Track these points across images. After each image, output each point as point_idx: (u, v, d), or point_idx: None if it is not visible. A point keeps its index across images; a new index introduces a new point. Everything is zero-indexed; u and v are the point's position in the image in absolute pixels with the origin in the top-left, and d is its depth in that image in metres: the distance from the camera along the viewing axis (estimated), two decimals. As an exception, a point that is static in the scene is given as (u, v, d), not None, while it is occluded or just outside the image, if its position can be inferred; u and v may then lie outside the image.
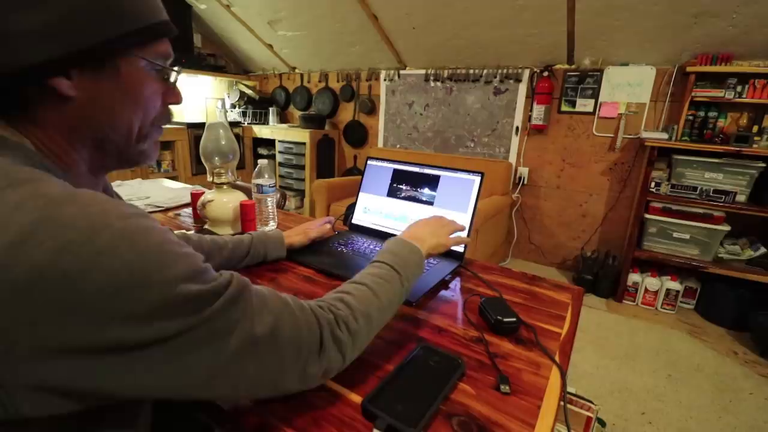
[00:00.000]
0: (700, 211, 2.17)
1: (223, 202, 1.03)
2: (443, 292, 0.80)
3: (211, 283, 0.37)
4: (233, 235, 0.86)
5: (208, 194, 1.04)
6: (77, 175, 0.42)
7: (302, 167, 3.56)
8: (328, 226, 0.97)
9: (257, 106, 3.89)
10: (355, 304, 0.50)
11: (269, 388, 0.42)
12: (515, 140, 2.92)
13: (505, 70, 2.83)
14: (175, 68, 0.45)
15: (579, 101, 2.64)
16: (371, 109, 3.49)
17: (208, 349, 0.35)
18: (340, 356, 0.46)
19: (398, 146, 3.46)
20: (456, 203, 0.94)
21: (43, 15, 0.33)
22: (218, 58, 3.84)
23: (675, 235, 2.28)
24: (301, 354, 0.42)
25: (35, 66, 0.34)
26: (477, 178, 0.93)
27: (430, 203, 0.98)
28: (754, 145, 2.08)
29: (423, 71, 3.15)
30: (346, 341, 0.46)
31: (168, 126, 3.16)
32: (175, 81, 0.46)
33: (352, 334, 0.47)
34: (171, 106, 0.48)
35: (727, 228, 2.13)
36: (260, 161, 1.05)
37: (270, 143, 3.77)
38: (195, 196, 1.13)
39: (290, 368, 0.41)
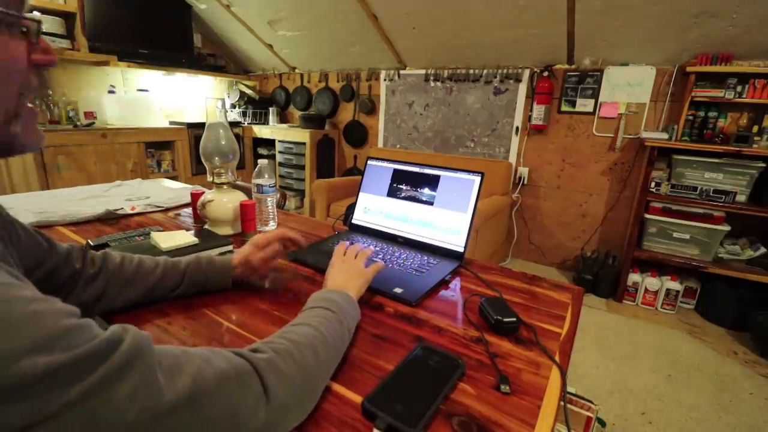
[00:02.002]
0: (700, 211, 2.17)
1: (223, 202, 1.03)
2: (443, 292, 0.80)
3: (79, 349, 0.27)
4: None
5: (208, 194, 1.04)
6: None
7: (302, 167, 3.56)
8: (276, 246, 0.75)
9: (257, 106, 3.89)
10: (297, 338, 0.46)
11: None
12: (515, 140, 2.92)
13: (505, 70, 2.83)
14: (34, 16, 0.35)
15: (579, 101, 2.64)
16: (371, 109, 3.49)
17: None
18: (294, 396, 0.41)
19: (398, 146, 3.46)
20: (456, 203, 0.94)
21: None
22: (218, 58, 3.84)
23: (675, 235, 2.28)
24: (239, 411, 0.35)
25: None
26: (477, 178, 0.93)
27: (430, 203, 0.98)
28: (754, 145, 2.08)
29: (423, 71, 3.15)
30: (293, 374, 0.41)
31: (168, 126, 3.17)
32: (38, 34, 0.35)
33: (302, 368, 0.43)
34: (43, 70, 0.37)
35: (727, 228, 2.13)
36: (260, 161, 1.05)
37: (270, 143, 3.78)
38: (195, 196, 1.13)
39: (226, 427, 0.34)
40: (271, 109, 3.91)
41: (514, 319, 0.65)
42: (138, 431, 0.29)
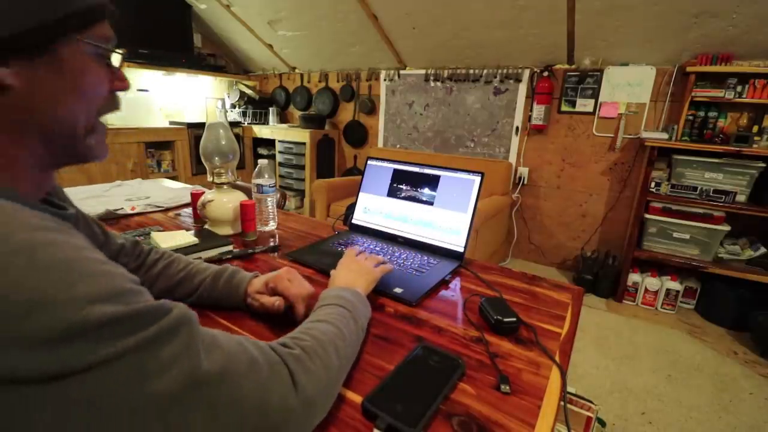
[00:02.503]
0: (700, 211, 2.17)
1: (223, 202, 1.03)
2: (443, 292, 0.80)
3: (139, 305, 0.31)
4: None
5: (208, 194, 1.04)
6: (19, 171, 0.38)
7: (302, 167, 3.56)
8: (276, 305, 0.64)
9: (257, 106, 3.89)
10: (321, 336, 0.47)
11: None
12: (515, 140, 2.92)
13: (505, 70, 2.83)
14: (119, 50, 0.42)
15: (579, 101, 2.64)
16: (371, 109, 3.49)
17: (132, 391, 0.29)
18: (320, 393, 0.42)
19: (398, 146, 3.46)
20: (456, 203, 0.94)
21: None
22: (218, 58, 3.84)
23: (675, 235, 2.28)
24: (269, 397, 0.36)
25: None
26: (477, 178, 0.93)
27: (430, 203, 0.98)
28: (754, 145, 2.08)
29: (423, 71, 3.15)
30: (320, 372, 0.42)
31: (168, 126, 3.17)
32: (120, 65, 0.43)
33: (326, 366, 0.44)
34: (118, 93, 0.44)
35: (727, 228, 2.13)
36: (260, 161, 1.05)
37: (270, 143, 3.78)
38: (195, 196, 1.13)
39: (254, 409, 0.35)
40: (271, 109, 3.91)
41: (514, 319, 0.65)
42: (175, 394, 0.31)
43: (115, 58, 0.42)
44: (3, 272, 0.26)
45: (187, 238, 0.90)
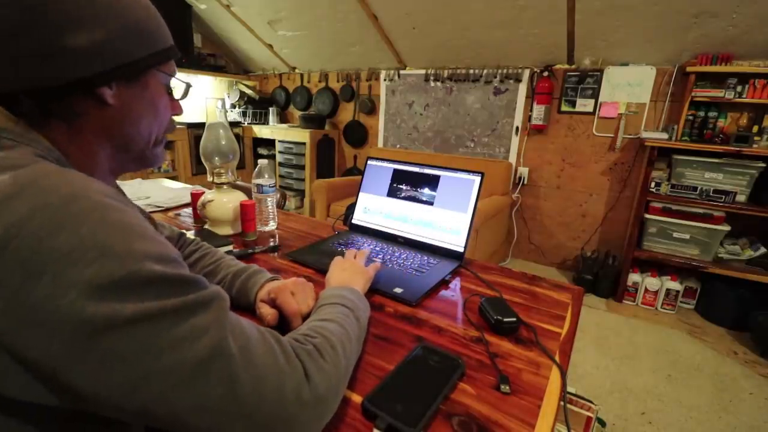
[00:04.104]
0: (700, 211, 2.17)
1: (223, 202, 1.03)
2: (443, 292, 0.80)
3: (182, 272, 0.35)
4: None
5: (208, 194, 1.04)
6: (96, 171, 0.46)
7: (302, 167, 3.56)
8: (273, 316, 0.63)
9: (257, 106, 3.89)
10: (329, 335, 0.47)
11: (247, 416, 0.34)
12: (515, 140, 2.92)
13: (505, 70, 2.83)
14: (184, 82, 0.54)
15: (579, 101, 2.64)
16: (371, 109, 3.49)
17: (165, 350, 0.31)
18: (331, 391, 0.42)
19: (398, 146, 3.46)
20: (456, 203, 0.94)
21: (93, 35, 0.40)
22: (218, 58, 3.84)
23: (675, 235, 2.28)
24: (285, 383, 0.37)
25: (87, 78, 0.40)
26: (477, 178, 0.93)
27: (430, 203, 0.98)
28: (754, 145, 2.08)
29: (423, 71, 3.15)
30: (331, 370, 0.43)
31: (168, 126, 3.18)
32: (182, 96, 0.55)
33: (335, 364, 0.44)
34: (174, 117, 0.55)
35: (727, 228, 2.13)
36: (260, 161, 1.05)
37: (270, 143, 3.78)
38: (195, 196, 1.13)
39: (270, 394, 0.36)
40: (271, 109, 3.90)
41: (514, 319, 0.65)
42: (203, 361, 0.33)
43: (177, 91, 0.54)
44: (81, 223, 0.31)
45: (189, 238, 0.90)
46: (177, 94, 0.54)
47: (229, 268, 0.70)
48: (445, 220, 0.95)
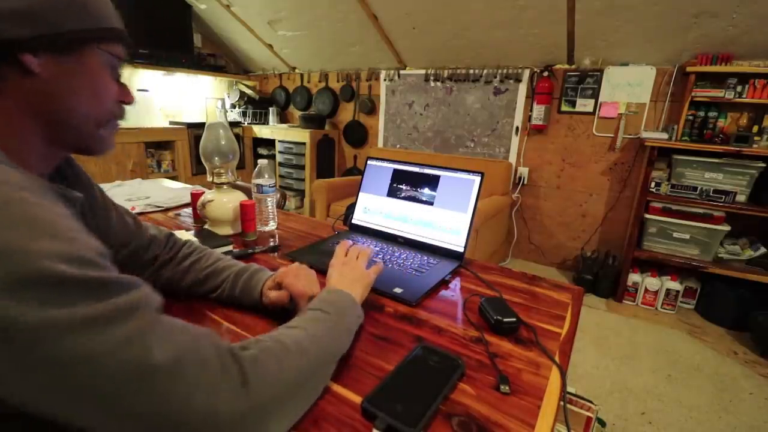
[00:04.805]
0: (700, 211, 2.17)
1: (223, 202, 1.03)
2: (443, 292, 0.80)
3: (99, 275, 0.31)
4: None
5: (208, 194, 1.04)
6: (23, 143, 0.43)
7: (302, 167, 3.56)
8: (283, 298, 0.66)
9: (257, 106, 3.89)
10: (287, 340, 0.45)
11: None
12: (515, 140, 2.92)
13: (505, 70, 2.83)
14: (129, 61, 0.50)
15: (579, 101, 2.64)
16: (371, 109, 3.49)
17: (79, 363, 0.29)
18: (276, 399, 0.40)
19: (398, 146, 3.46)
20: (456, 203, 0.94)
21: (20, 2, 0.38)
22: (218, 58, 3.84)
23: (675, 235, 2.28)
24: (216, 394, 0.35)
25: (9, 41, 0.38)
26: (477, 178, 0.93)
27: (430, 203, 0.98)
28: (754, 145, 2.08)
29: (423, 71, 3.15)
30: (277, 376, 0.41)
31: (168, 126, 3.17)
32: (126, 82, 0.52)
33: (287, 371, 0.42)
34: (124, 106, 0.53)
35: (727, 228, 2.13)
36: (260, 161, 1.05)
37: (270, 143, 3.78)
38: (195, 196, 1.13)
39: (201, 408, 0.33)
40: (271, 109, 3.90)
41: (514, 319, 0.65)
42: (118, 379, 0.30)
43: (125, 77, 0.52)
44: None
45: (187, 238, 0.90)
46: (125, 79, 0.52)
47: (231, 269, 0.70)
48: (445, 220, 0.95)
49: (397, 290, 0.76)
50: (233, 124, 3.67)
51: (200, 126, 3.26)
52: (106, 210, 0.61)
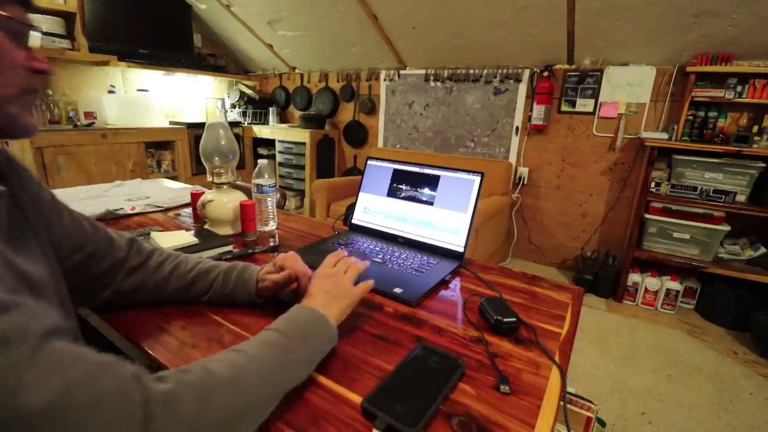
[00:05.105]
0: (700, 211, 2.17)
1: (223, 202, 1.03)
2: (443, 292, 0.80)
3: None
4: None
5: (208, 194, 1.04)
6: None
7: (302, 167, 3.56)
8: (286, 275, 0.67)
9: (257, 106, 3.89)
10: (220, 370, 0.40)
11: None
12: (515, 140, 2.92)
13: (505, 70, 2.83)
14: (34, 28, 0.43)
15: (579, 101, 2.64)
16: (371, 109, 3.49)
17: None
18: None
19: (398, 146, 3.46)
20: (456, 203, 0.94)
21: None
22: (218, 58, 3.84)
23: (675, 235, 2.28)
24: None
25: None
26: (477, 178, 0.93)
27: (430, 203, 0.98)
28: (754, 145, 2.08)
29: (423, 71, 3.15)
30: (193, 413, 0.35)
31: (168, 126, 3.17)
32: (34, 45, 0.44)
33: (211, 406, 0.37)
34: (38, 74, 0.45)
35: (727, 228, 2.13)
36: (260, 161, 1.05)
37: (270, 143, 3.78)
38: (195, 196, 1.13)
39: None
40: (271, 109, 3.90)
41: (514, 319, 0.65)
42: None
43: (33, 40, 0.44)
44: None
45: (187, 238, 0.90)
46: (33, 43, 0.44)
47: (218, 268, 0.69)
48: (445, 220, 0.95)
49: (397, 290, 0.76)
50: (233, 124, 3.67)
51: (200, 126, 3.26)
52: (58, 212, 0.56)
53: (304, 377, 0.49)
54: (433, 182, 0.99)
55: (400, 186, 1.03)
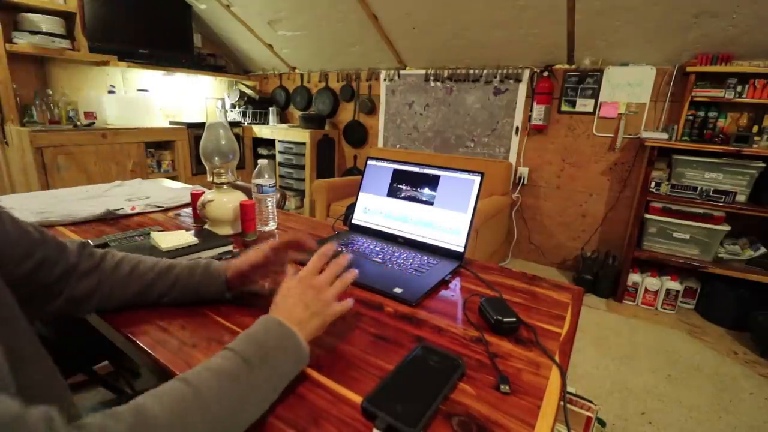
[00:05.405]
0: (700, 211, 2.17)
1: (223, 202, 1.03)
2: (443, 292, 0.80)
3: None
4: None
5: (208, 194, 1.04)
6: None
7: (302, 167, 3.56)
8: (265, 249, 0.67)
9: (257, 106, 3.89)
10: (160, 414, 0.35)
11: None
12: (515, 140, 2.92)
13: (505, 70, 2.83)
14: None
15: (579, 101, 2.64)
16: (371, 109, 3.49)
17: None
18: None
19: (398, 146, 3.46)
20: (456, 203, 0.94)
21: None
22: (218, 58, 3.84)
23: (675, 235, 2.28)
24: None
25: None
26: (477, 178, 0.93)
27: (430, 203, 0.98)
28: (754, 145, 2.08)
29: (423, 71, 3.15)
30: None
31: (168, 126, 3.17)
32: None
33: None
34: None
35: (727, 228, 2.13)
36: (260, 161, 1.05)
37: (270, 143, 3.78)
38: (195, 196, 1.13)
39: None
40: (271, 109, 3.90)
41: (514, 319, 0.65)
42: None
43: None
44: None
45: (187, 238, 0.90)
46: None
47: (179, 266, 0.66)
48: (445, 220, 0.95)
49: (397, 290, 0.76)
50: (233, 124, 3.67)
51: (200, 126, 3.26)
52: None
53: (265, 409, 0.44)
54: (433, 182, 0.99)
55: (400, 186, 1.03)
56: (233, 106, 3.88)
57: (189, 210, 1.27)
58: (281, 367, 0.47)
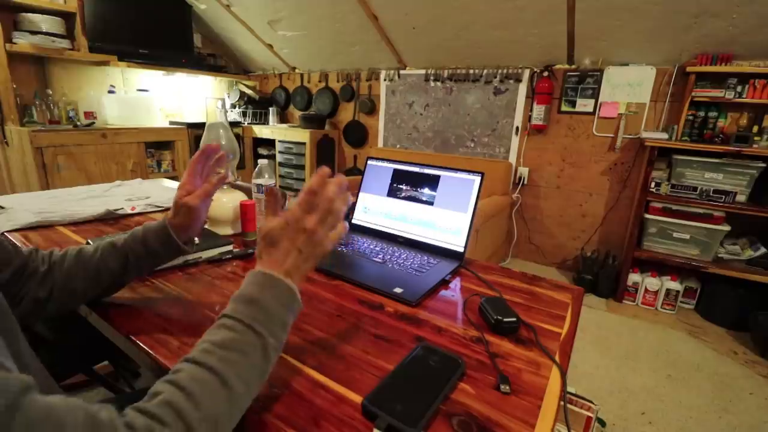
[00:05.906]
0: (700, 211, 2.17)
1: (223, 202, 1.03)
2: (443, 292, 0.80)
3: None
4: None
5: (208, 194, 1.04)
6: None
7: (302, 167, 3.56)
8: (193, 166, 0.67)
9: (257, 106, 3.89)
10: (190, 408, 0.35)
11: None
12: (515, 140, 2.92)
13: (505, 70, 2.83)
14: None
15: (579, 101, 2.64)
16: (371, 109, 3.49)
17: None
18: None
19: (398, 146, 3.46)
20: (456, 203, 0.94)
21: None
22: (218, 58, 3.84)
23: (675, 235, 2.28)
24: None
25: None
26: (477, 178, 0.93)
27: (430, 203, 0.98)
28: (754, 145, 2.08)
29: (423, 71, 3.15)
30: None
31: (168, 126, 3.17)
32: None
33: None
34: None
35: (727, 228, 2.13)
36: (260, 161, 1.05)
37: (270, 143, 3.78)
38: (195, 196, 1.12)
39: None
40: (271, 109, 3.91)
41: (514, 319, 0.65)
42: None
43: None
44: None
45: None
46: None
47: (121, 240, 0.65)
48: (445, 220, 0.95)
49: (397, 290, 0.76)
50: (233, 124, 3.67)
51: (200, 126, 3.26)
52: None
53: (270, 367, 0.44)
54: (433, 182, 0.99)
55: (400, 186, 1.03)
56: (233, 106, 3.88)
57: (189, 210, 1.27)
58: (282, 320, 0.45)
